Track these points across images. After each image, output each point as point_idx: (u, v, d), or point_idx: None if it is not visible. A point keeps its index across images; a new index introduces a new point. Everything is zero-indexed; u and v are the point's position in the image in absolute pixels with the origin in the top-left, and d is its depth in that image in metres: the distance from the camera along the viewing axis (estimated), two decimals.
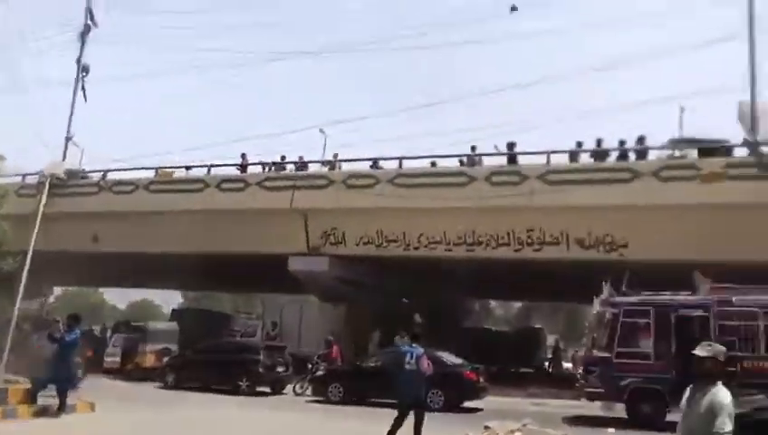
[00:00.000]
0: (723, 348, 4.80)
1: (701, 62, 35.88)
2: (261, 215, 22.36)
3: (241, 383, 18.38)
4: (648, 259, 18.22)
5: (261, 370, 18.61)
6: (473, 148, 21.64)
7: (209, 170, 24.19)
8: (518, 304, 55.46)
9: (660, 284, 14.98)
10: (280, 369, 19.19)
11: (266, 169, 23.81)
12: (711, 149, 19.37)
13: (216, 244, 23.06)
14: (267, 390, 18.92)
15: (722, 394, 4.52)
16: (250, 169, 23.92)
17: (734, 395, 4.60)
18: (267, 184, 22.89)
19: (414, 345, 10.41)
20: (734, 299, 13.99)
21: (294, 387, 19.06)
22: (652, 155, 19.88)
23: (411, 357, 10.16)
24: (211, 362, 19.11)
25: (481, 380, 16.53)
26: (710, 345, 4.79)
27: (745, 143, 18.99)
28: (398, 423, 9.86)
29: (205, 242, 23.03)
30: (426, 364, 10.23)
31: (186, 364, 19.93)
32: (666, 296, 14.83)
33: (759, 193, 17.53)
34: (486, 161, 21.50)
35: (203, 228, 22.99)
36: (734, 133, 19.41)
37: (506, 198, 19.69)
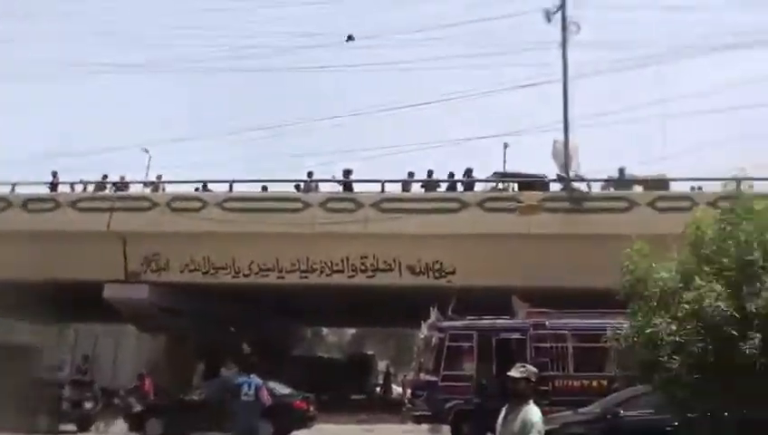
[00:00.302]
0: (535, 369, 5.02)
1: (526, 102, 38.76)
2: (74, 238, 20.38)
3: (40, 422, 16.71)
4: (473, 285, 18.91)
5: (64, 406, 17.09)
6: (309, 174, 21.49)
7: (13, 189, 21.94)
8: (351, 331, 55.79)
9: (485, 308, 15.57)
10: (88, 405, 17.70)
11: (80, 188, 22.02)
12: (530, 183, 20.81)
13: (20, 269, 20.60)
14: (72, 428, 17.44)
15: (532, 412, 4.68)
16: (62, 189, 21.96)
17: (544, 413, 4.80)
18: (81, 205, 21.08)
19: (252, 376, 10.20)
20: (547, 323, 14.88)
21: (100, 425, 17.72)
22: (478, 187, 20.95)
23: (249, 388, 9.95)
24: (5, 400, 17.08)
25: (311, 408, 16.18)
26: (524, 367, 4.98)
27: (559, 179, 20.58)
28: None
29: (5, 267, 20.54)
30: (266, 395, 10.15)
31: None
32: (488, 321, 15.44)
33: (570, 224, 19.07)
34: (322, 188, 21.41)
35: (4, 252, 20.52)
36: (550, 169, 21.05)
37: (341, 225, 19.73)
